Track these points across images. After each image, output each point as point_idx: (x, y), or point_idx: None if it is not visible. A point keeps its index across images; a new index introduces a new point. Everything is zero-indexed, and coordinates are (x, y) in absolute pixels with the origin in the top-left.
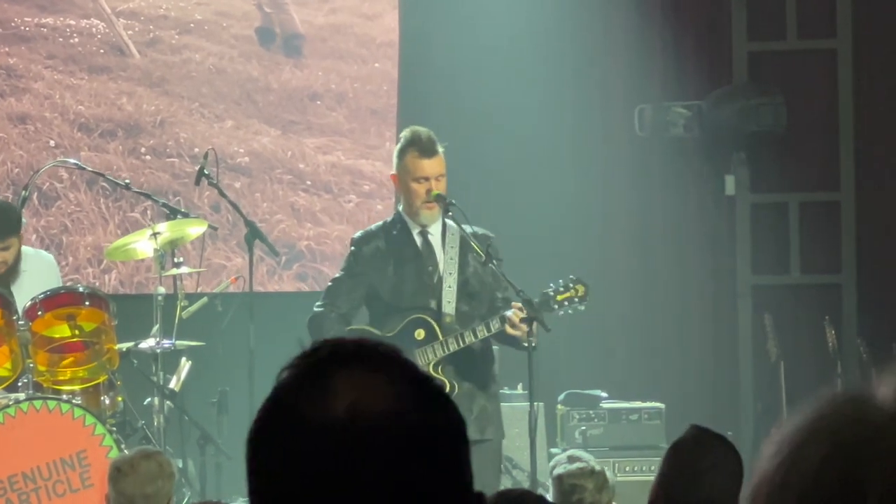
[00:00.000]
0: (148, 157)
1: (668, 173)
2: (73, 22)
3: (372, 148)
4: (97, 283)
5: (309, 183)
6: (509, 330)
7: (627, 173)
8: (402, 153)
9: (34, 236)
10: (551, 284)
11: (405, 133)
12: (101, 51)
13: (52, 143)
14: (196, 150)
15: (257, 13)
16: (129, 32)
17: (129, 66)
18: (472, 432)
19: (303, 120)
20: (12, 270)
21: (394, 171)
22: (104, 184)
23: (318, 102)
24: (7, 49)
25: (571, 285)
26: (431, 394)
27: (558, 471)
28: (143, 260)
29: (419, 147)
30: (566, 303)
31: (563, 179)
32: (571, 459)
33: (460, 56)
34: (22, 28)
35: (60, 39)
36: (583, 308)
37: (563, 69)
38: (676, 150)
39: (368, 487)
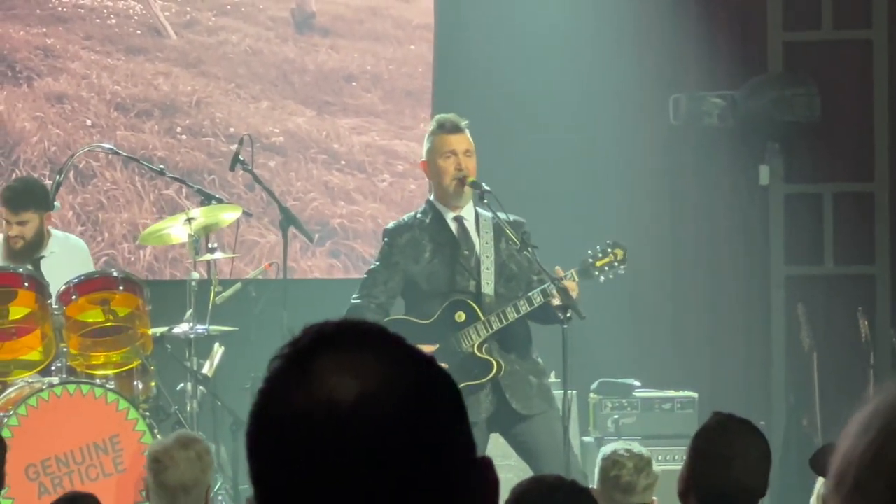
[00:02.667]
0: (184, 137)
1: (702, 163)
2: (110, 3)
3: (406, 129)
4: (132, 259)
5: (343, 162)
6: (555, 295)
7: (661, 163)
8: (429, 137)
9: (70, 213)
10: (589, 251)
11: (431, 123)
12: (139, 32)
13: (88, 122)
14: (232, 129)
15: None
16: (166, 14)
17: (165, 47)
18: (540, 404)
19: (338, 101)
20: (36, 247)
21: (423, 160)
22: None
23: (354, 84)
24: (45, 30)
25: (610, 250)
26: (418, 367)
27: (605, 450)
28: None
29: (443, 127)
30: (606, 268)
31: (596, 168)
32: (623, 444)
33: (496, 44)
34: (60, 9)
35: (98, 20)
36: (622, 271)
37: (598, 58)
38: (711, 140)
39: (360, 468)
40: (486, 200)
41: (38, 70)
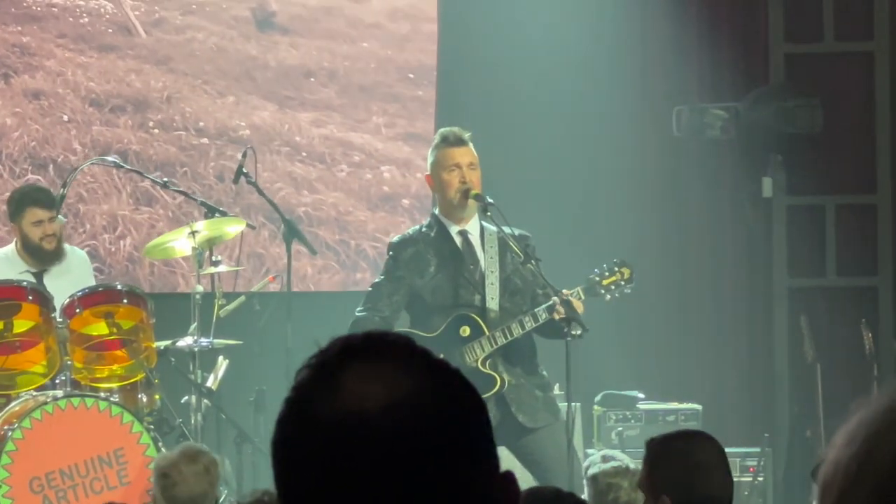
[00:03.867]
0: (156, 131)
1: (704, 175)
2: (82, 2)
3: (360, 122)
4: (112, 249)
5: (304, 154)
6: (559, 311)
7: (664, 175)
8: (433, 151)
9: None
10: (595, 269)
11: (435, 136)
12: (110, 30)
13: (65, 117)
14: (201, 124)
15: None
16: (136, 13)
17: (136, 45)
18: (546, 417)
19: (298, 96)
20: (62, 251)
21: (427, 173)
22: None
23: (312, 79)
24: (20, 28)
25: (616, 268)
26: (446, 379)
27: (593, 471)
28: (155, 227)
29: (447, 140)
30: (613, 286)
31: (599, 180)
32: (605, 459)
33: (498, 57)
34: (34, 8)
35: (70, 19)
36: (629, 291)
37: (600, 70)
38: (713, 152)
39: (387, 478)
40: (489, 213)
41: (14, 67)
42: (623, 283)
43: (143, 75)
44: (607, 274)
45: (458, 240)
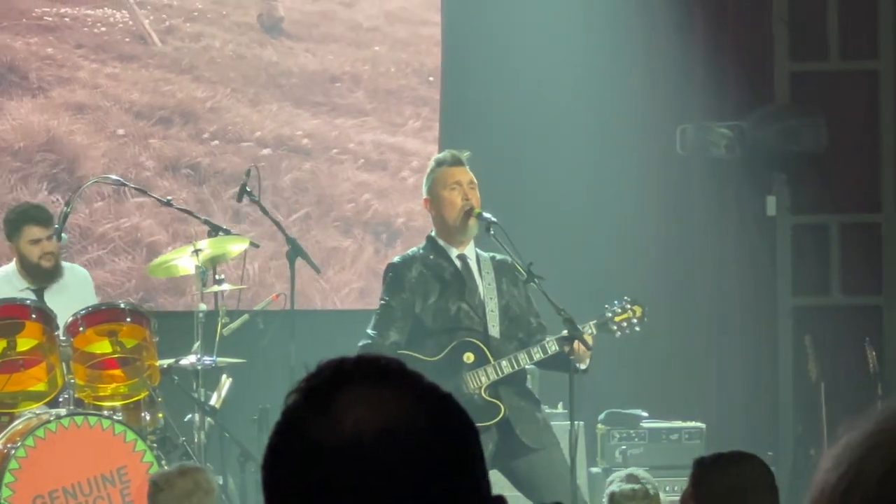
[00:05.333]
0: (215, 142)
1: (708, 193)
2: (91, 11)
3: (398, 126)
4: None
5: (362, 161)
6: (579, 348)
7: (668, 193)
8: (430, 175)
9: None
10: (607, 306)
11: (429, 162)
12: (126, 39)
13: (120, 132)
14: (258, 133)
15: (252, 0)
16: (146, 21)
17: (155, 54)
18: (550, 438)
19: (328, 101)
20: (60, 269)
21: (425, 197)
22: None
23: (338, 84)
24: (37, 39)
25: (629, 306)
26: (438, 404)
27: (612, 488)
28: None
29: (444, 161)
30: (624, 324)
31: (602, 198)
32: (629, 479)
33: (502, 76)
34: (45, 18)
35: (84, 29)
36: (639, 329)
37: (605, 88)
38: (717, 171)
39: (381, 501)
40: (492, 232)
41: (47, 80)
42: (635, 320)
43: (173, 84)
44: (619, 311)
45: (458, 263)
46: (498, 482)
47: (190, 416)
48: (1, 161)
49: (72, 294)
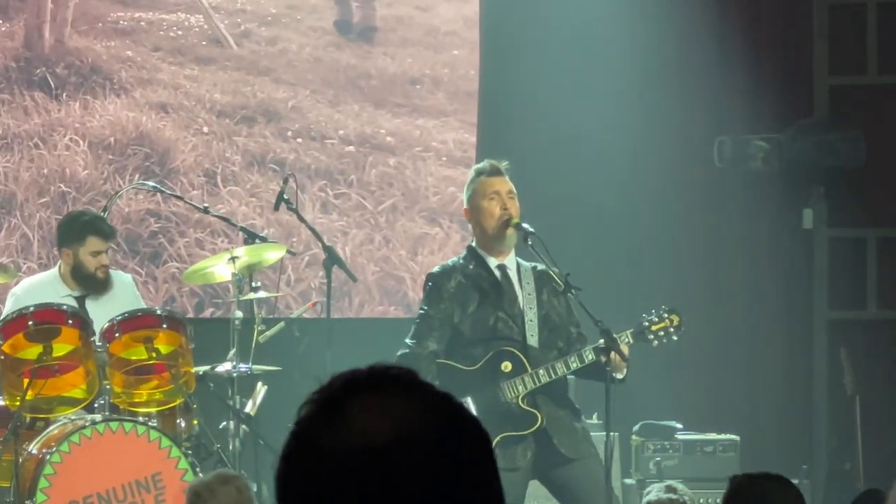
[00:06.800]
0: (299, 140)
1: (746, 206)
2: (166, 16)
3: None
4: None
5: (444, 158)
6: (615, 358)
7: (705, 205)
8: (470, 185)
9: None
10: (644, 315)
11: (470, 172)
12: (203, 43)
13: (205, 129)
14: (341, 132)
15: (327, 5)
16: (222, 25)
17: (231, 57)
18: (588, 448)
19: (408, 102)
20: (107, 283)
21: (465, 207)
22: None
23: (418, 87)
24: (115, 42)
25: (666, 315)
26: (450, 412)
27: (650, 498)
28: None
29: (484, 171)
30: (661, 332)
31: (640, 209)
32: (667, 489)
33: (539, 88)
34: (121, 23)
35: (160, 32)
36: (676, 338)
37: (643, 99)
38: (755, 183)
39: None
40: (530, 242)
41: (129, 81)
42: (672, 329)
43: (252, 85)
44: (656, 320)
45: (497, 273)
46: (536, 491)
47: (225, 423)
48: (95, 154)
49: (114, 301)
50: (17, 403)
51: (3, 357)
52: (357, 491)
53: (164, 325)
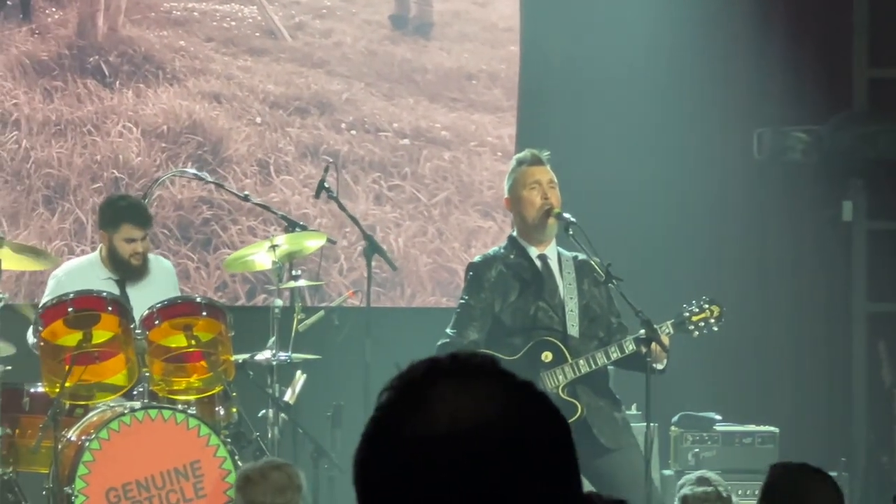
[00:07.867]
0: (353, 132)
1: (785, 198)
2: (220, 7)
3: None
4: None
5: (499, 154)
6: (656, 349)
7: (744, 197)
8: (511, 174)
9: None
10: (685, 306)
11: (511, 161)
12: (256, 34)
13: (258, 120)
14: (395, 125)
15: None
16: (276, 16)
17: (285, 49)
18: (628, 437)
19: (464, 97)
20: (143, 270)
21: (506, 196)
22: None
23: (474, 82)
24: (167, 32)
25: (706, 306)
26: (532, 401)
27: (685, 491)
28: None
29: (525, 160)
30: (702, 323)
31: (679, 202)
32: (700, 481)
33: (578, 79)
34: (174, 13)
35: (213, 23)
36: (717, 329)
37: (683, 90)
38: (794, 175)
39: (475, 499)
40: (571, 232)
41: (181, 70)
42: (713, 320)
43: (306, 77)
44: (696, 311)
45: (538, 263)
46: None
47: (264, 411)
48: (149, 141)
49: (155, 287)
50: (57, 390)
51: (43, 344)
52: (439, 476)
53: (204, 313)
